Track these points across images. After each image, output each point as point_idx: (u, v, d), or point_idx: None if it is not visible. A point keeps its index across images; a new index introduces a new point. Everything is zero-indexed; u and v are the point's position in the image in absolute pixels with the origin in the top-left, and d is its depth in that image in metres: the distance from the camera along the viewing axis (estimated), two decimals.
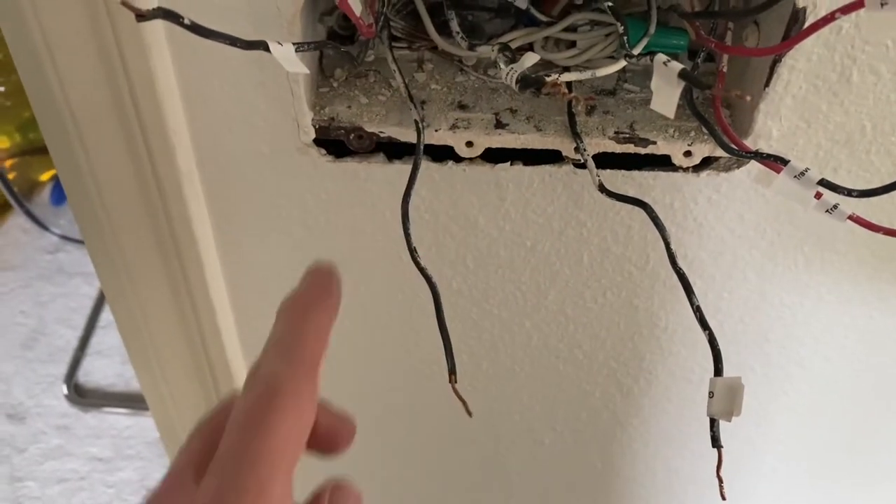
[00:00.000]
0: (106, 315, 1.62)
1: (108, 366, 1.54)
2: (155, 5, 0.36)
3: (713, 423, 0.37)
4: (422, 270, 0.40)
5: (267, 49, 0.33)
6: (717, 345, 0.38)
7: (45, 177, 1.83)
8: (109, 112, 0.41)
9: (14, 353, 1.56)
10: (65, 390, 1.48)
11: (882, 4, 0.30)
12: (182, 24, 0.29)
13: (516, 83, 0.34)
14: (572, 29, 0.44)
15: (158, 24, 0.39)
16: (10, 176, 1.70)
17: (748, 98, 0.29)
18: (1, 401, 1.48)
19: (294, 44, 0.34)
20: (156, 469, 1.39)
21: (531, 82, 0.33)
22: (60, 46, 0.38)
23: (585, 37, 0.44)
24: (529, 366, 0.56)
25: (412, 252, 0.40)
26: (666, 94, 0.33)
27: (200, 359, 0.54)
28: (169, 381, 0.55)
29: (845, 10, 0.32)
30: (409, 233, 0.40)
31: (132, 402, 1.46)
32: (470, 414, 0.37)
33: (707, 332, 0.38)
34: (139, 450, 1.42)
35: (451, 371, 0.38)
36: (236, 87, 0.41)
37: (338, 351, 0.57)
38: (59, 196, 1.79)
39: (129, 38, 0.39)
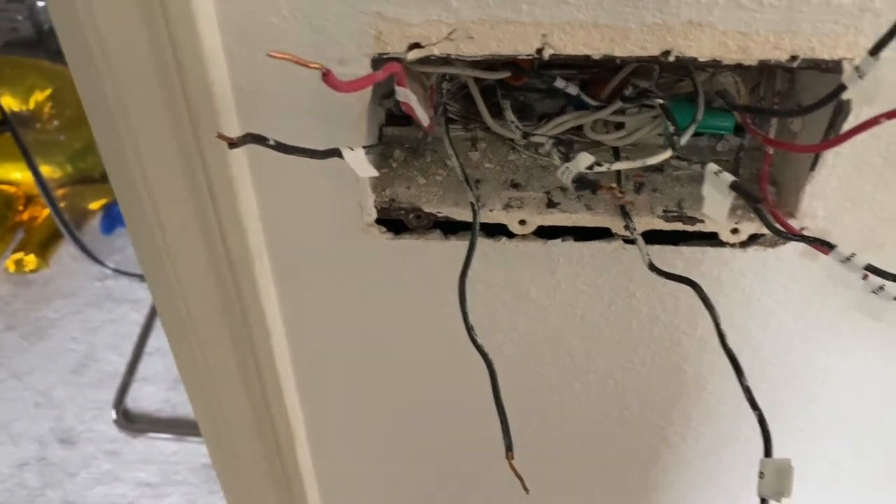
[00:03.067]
0: (153, 341, 1.67)
1: (154, 392, 1.58)
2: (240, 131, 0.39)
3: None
4: (479, 348, 0.42)
5: (340, 156, 0.35)
6: (767, 425, 0.39)
7: (94, 205, 1.88)
8: (187, 198, 0.44)
9: (66, 378, 1.61)
10: (114, 415, 1.53)
11: None
12: (268, 146, 0.32)
13: (572, 183, 0.36)
14: (620, 111, 0.46)
15: (234, 119, 0.42)
16: (62, 205, 1.76)
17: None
18: (54, 425, 1.54)
19: (364, 147, 0.37)
20: (202, 495, 1.43)
21: (587, 184, 0.35)
22: (143, 137, 0.41)
23: (633, 119, 0.46)
24: (578, 424, 0.57)
25: (469, 330, 0.42)
26: (717, 202, 0.35)
27: (263, 415, 0.57)
28: (234, 439, 0.57)
29: (890, 115, 0.34)
30: (466, 312, 0.42)
31: (178, 427, 1.50)
32: (527, 490, 0.39)
33: (757, 412, 0.39)
34: (185, 476, 1.46)
35: (509, 448, 0.40)
36: (304, 174, 0.44)
37: (391, 415, 0.59)
38: (108, 225, 1.85)
39: (207, 131, 0.42)
